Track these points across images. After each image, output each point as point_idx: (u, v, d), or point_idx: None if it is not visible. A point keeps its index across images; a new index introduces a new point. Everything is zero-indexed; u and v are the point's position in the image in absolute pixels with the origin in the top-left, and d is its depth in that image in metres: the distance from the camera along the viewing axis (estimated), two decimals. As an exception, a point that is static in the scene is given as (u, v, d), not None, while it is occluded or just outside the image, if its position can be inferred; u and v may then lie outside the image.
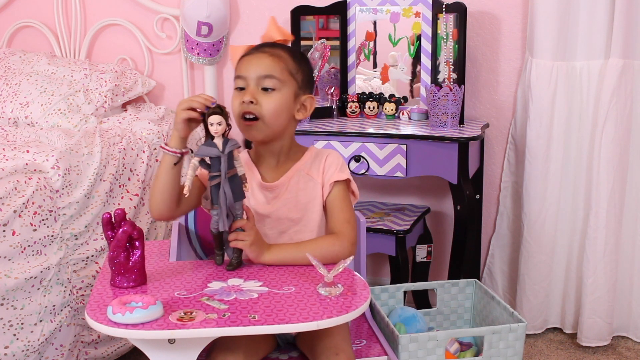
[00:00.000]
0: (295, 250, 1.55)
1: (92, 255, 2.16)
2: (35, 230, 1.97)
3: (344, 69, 2.71)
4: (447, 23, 2.50)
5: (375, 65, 2.75)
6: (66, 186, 2.11)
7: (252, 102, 1.56)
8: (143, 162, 2.46)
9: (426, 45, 2.58)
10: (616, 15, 2.33)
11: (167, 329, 1.26)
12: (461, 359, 1.87)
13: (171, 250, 1.67)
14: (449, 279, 2.50)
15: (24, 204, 1.94)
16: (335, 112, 2.69)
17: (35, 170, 2.08)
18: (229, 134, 1.49)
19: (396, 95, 2.67)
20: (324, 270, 1.41)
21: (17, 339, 1.88)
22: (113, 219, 1.51)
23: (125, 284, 1.44)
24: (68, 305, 2.05)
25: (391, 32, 2.67)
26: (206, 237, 1.81)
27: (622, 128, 2.38)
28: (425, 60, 2.59)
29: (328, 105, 2.68)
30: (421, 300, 2.54)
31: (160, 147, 1.53)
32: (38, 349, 1.93)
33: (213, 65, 2.91)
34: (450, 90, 2.40)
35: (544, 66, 2.45)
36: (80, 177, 2.18)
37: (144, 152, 2.49)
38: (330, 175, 1.63)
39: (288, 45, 1.68)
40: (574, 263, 2.55)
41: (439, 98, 2.40)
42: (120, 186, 2.34)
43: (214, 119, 1.44)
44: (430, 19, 2.55)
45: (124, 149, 2.41)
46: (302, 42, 2.64)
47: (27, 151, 2.14)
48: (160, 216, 1.58)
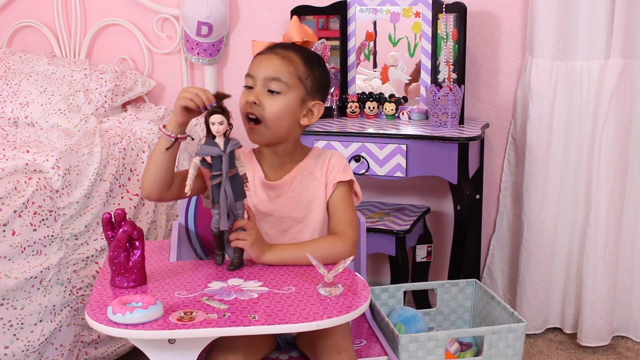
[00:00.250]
0: (296, 250, 1.55)
1: (92, 255, 2.16)
2: (35, 230, 1.97)
3: (344, 69, 2.71)
4: (447, 23, 2.50)
5: (375, 65, 2.75)
6: (66, 186, 2.11)
7: (255, 103, 1.56)
8: (143, 162, 2.46)
9: (426, 45, 2.58)
10: (616, 15, 2.33)
11: (167, 329, 1.26)
12: (461, 359, 1.87)
13: (171, 250, 1.67)
14: (449, 279, 2.50)
15: (24, 204, 1.94)
16: (335, 112, 2.69)
17: (35, 170, 2.07)
18: (230, 133, 1.49)
19: (396, 95, 2.67)
20: (324, 270, 1.41)
21: (17, 339, 1.88)
22: (113, 219, 1.51)
23: (125, 284, 1.44)
24: (68, 305, 2.05)
25: (391, 32, 2.67)
26: (206, 237, 1.81)
27: (622, 128, 2.38)
28: (425, 60, 2.59)
29: (328, 105, 2.68)
30: (421, 300, 2.54)
31: (159, 128, 1.52)
32: (38, 349, 1.93)
33: (213, 65, 2.91)
34: (450, 90, 2.40)
35: (544, 66, 2.45)
36: (80, 177, 2.18)
37: (144, 152, 2.49)
38: (334, 175, 1.63)
39: (305, 48, 1.64)
40: (574, 263, 2.55)
41: (439, 98, 2.40)
42: (120, 186, 2.34)
43: (215, 118, 1.44)
44: (430, 19, 2.55)
45: (124, 149, 2.41)
46: (302, 42, 2.64)
47: (27, 151, 2.14)
48: (149, 196, 1.56)
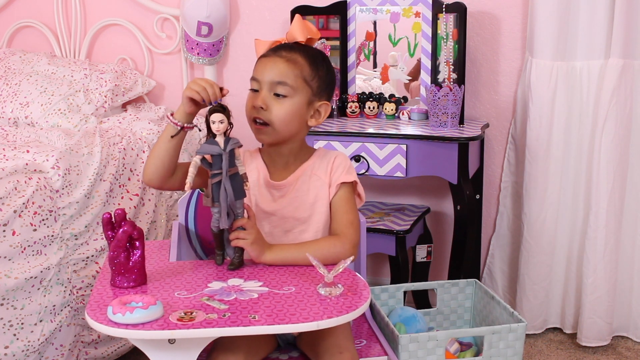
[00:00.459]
0: (297, 251, 1.55)
1: (92, 255, 2.16)
2: (35, 230, 1.97)
3: (344, 69, 2.70)
4: (447, 23, 2.50)
5: (375, 65, 2.75)
6: (66, 186, 2.11)
7: (262, 107, 1.56)
8: (143, 162, 2.46)
9: (426, 45, 2.58)
10: (616, 15, 2.33)
11: (167, 329, 1.26)
12: (461, 359, 1.87)
13: (171, 250, 1.67)
14: (449, 279, 2.50)
15: (24, 204, 1.94)
16: (335, 112, 2.69)
17: (35, 170, 2.07)
18: (231, 132, 1.49)
19: (396, 95, 2.67)
20: (324, 271, 1.41)
21: (17, 339, 1.88)
22: (113, 219, 1.51)
23: (125, 284, 1.44)
24: (68, 305, 2.05)
25: (391, 32, 2.67)
26: (206, 237, 1.81)
27: (622, 128, 2.38)
28: (425, 60, 2.59)
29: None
30: (421, 300, 2.54)
31: (166, 116, 1.53)
32: (38, 349, 1.93)
33: (213, 65, 2.90)
34: (450, 90, 2.39)
35: (544, 66, 2.45)
36: (80, 177, 2.18)
37: (144, 152, 2.49)
38: (338, 176, 1.63)
39: (309, 48, 1.64)
40: (574, 263, 2.55)
41: (439, 98, 2.40)
42: (120, 186, 2.34)
43: (215, 117, 1.45)
44: (430, 19, 2.55)
45: (124, 149, 2.41)
46: (302, 42, 2.64)
47: (27, 151, 2.14)
48: (150, 182, 1.56)
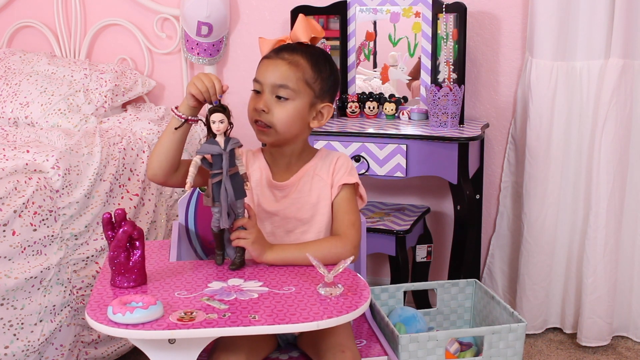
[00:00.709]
0: (298, 251, 1.55)
1: (92, 255, 2.16)
2: (35, 230, 1.97)
3: (344, 69, 2.70)
4: (447, 23, 2.50)
5: (375, 65, 2.75)
6: (66, 186, 2.11)
7: (264, 110, 1.56)
8: (143, 162, 2.46)
9: (426, 45, 2.58)
10: (616, 15, 2.33)
11: (167, 329, 1.26)
12: (461, 359, 1.87)
13: (171, 250, 1.67)
14: (449, 279, 2.50)
15: (24, 204, 1.94)
16: (335, 112, 2.69)
17: (35, 170, 2.07)
18: (231, 132, 1.49)
19: (396, 95, 2.67)
20: (324, 271, 1.41)
21: (17, 339, 1.88)
22: (113, 219, 1.51)
23: (125, 284, 1.44)
24: (68, 305, 2.05)
25: (391, 32, 2.67)
26: (206, 237, 1.81)
27: (622, 128, 2.38)
28: (425, 60, 2.59)
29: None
30: (421, 300, 2.54)
31: (171, 109, 1.54)
32: (38, 349, 1.93)
33: (213, 65, 2.90)
34: (450, 90, 2.40)
35: (544, 66, 2.45)
36: (80, 177, 2.18)
37: (144, 152, 2.49)
38: (340, 177, 1.63)
39: (313, 49, 1.62)
40: (574, 263, 2.55)
41: (439, 98, 2.40)
42: (120, 186, 2.34)
43: (215, 116, 1.45)
44: (430, 19, 2.55)
45: (124, 149, 2.41)
46: (302, 42, 2.64)
47: (27, 151, 2.14)
48: (154, 177, 1.56)
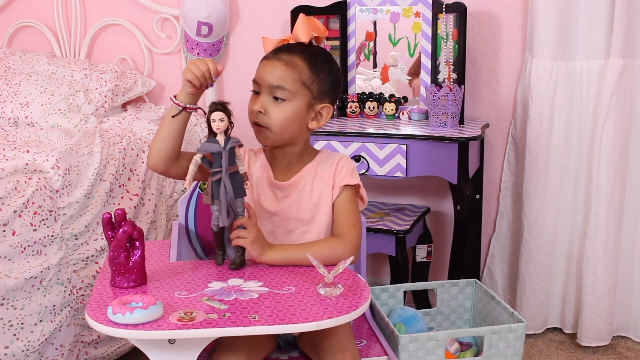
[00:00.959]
0: (298, 251, 1.55)
1: (92, 255, 2.16)
2: (35, 230, 1.97)
3: (344, 69, 2.70)
4: (447, 23, 2.50)
5: (375, 65, 2.75)
6: (66, 186, 2.11)
7: (261, 112, 1.56)
8: (143, 162, 2.46)
9: (426, 45, 2.58)
10: (616, 15, 2.33)
11: (167, 329, 1.26)
12: (461, 359, 1.87)
13: (171, 250, 1.67)
14: (449, 279, 2.50)
15: (24, 204, 1.94)
16: (335, 112, 2.69)
17: (35, 170, 2.07)
18: (232, 131, 1.49)
19: (396, 95, 2.67)
20: (324, 271, 1.41)
21: (17, 339, 1.88)
22: (113, 219, 1.51)
23: (125, 284, 1.44)
24: (68, 305, 2.05)
25: (391, 32, 2.67)
26: (206, 237, 1.82)
27: (622, 128, 2.38)
28: (425, 60, 2.59)
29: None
30: (421, 300, 2.54)
31: (169, 98, 1.54)
32: (38, 349, 1.93)
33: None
34: (450, 90, 2.39)
35: (544, 66, 2.45)
36: (80, 177, 2.18)
37: (144, 152, 2.49)
38: (341, 178, 1.63)
39: (312, 49, 1.61)
40: (574, 263, 2.55)
41: (439, 98, 2.40)
42: (120, 186, 2.34)
43: (215, 115, 1.45)
44: (430, 19, 2.55)
45: (124, 149, 2.41)
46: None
47: (27, 151, 2.14)
48: (155, 166, 1.56)
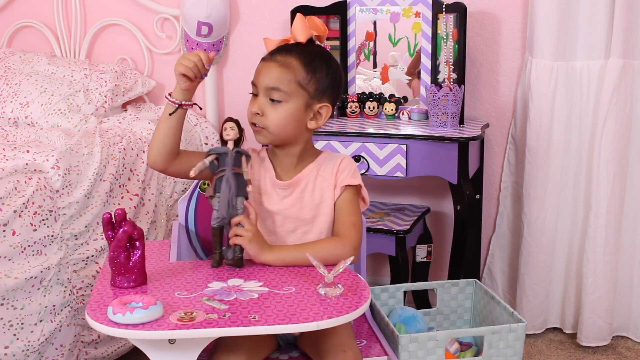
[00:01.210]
0: (297, 251, 1.55)
1: (92, 255, 2.16)
2: (35, 230, 1.97)
3: (344, 69, 2.70)
4: (447, 23, 2.50)
5: (375, 65, 2.75)
6: (66, 186, 2.11)
7: (258, 113, 1.58)
8: (143, 162, 2.46)
9: (426, 45, 2.58)
10: (616, 15, 2.33)
11: (167, 329, 1.26)
12: (461, 359, 1.87)
13: (171, 250, 1.67)
14: (449, 279, 2.50)
15: (24, 204, 1.94)
16: (335, 112, 2.69)
17: (35, 170, 2.07)
18: (243, 145, 1.59)
19: (396, 95, 2.67)
20: (324, 271, 1.41)
21: (17, 338, 1.88)
22: (113, 219, 1.51)
23: (125, 284, 1.44)
24: (68, 305, 2.05)
25: (391, 32, 2.67)
26: (206, 237, 1.82)
27: (622, 128, 2.38)
28: (425, 60, 2.59)
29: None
30: (421, 300, 2.54)
31: (165, 96, 1.58)
32: (38, 349, 1.93)
33: (213, 65, 2.90)
34: (450, 90, 2.40)
35: (544, 66, 2.45)
36: (80, 177, 2.18)
37: (144, 152, 2.49)
38: (343, 178, 1.63)
39: (309, 49, 1.61)
40: (574, 263, 2.55)
41: (439, 98, 2.40)
42: (120, 186, 2.34)
43: (227, 124, 1.56)
44: (430, 19, 2.55)
45: (124, 149, 2.41)
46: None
47: (27, 151, 2.14)
48: (154, 164, 1.58)
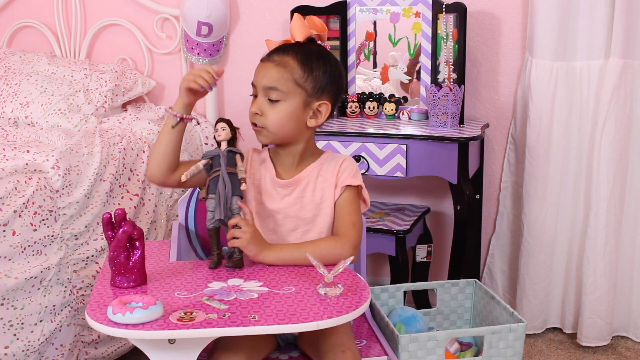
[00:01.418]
0: (296, 251, 1.55)
1: (92, 255, 2.16)
2: (35, 230, 1.97)
3: (344, 69, 2.70)
4: (447, 23, 2.50)
5: (375, 65, 2.75)
6: (66, 186, 2.11)
7: (257, 113, 1.59)
8: (143, 162, 2.46)
9: (426, 45, 2.58)
10: (616, 15, 2.33)
11: (167, 329, 1.26)
12: (461, 359, 1.87)
13: (171, 250, 1.67)
14: (449, 279, 2.50)
15: (24, 204, 1.94)
16: (335, 112, 2.69)
17: (35, 170, 2.08)
18: (237, 145, 1.60)
19: (396, 95, 2.67)
20: (324, 271, 1.41)
21: (17, 339, 1.88)
22: (113, 219, 1.51)
23: (125, 284, 1.45)
24: (68, 305, 2.05)
25: (391, 32, 2.67)
26: (206, 237, 1.82)
27: (622, 128, 2.38)
28: (425, 60, 2.59)
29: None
30: (421, 300, 2.54)
31: (165, 110, 1.60)
32: (38, 349, 1.93)
33: (213, 65, 2.90)
34: (450, 90, 2.40)
35: (544, 66, 2.45)
36: (80, 177, 2.18)
37: (144, 152, 2.49)
38: (344, 178, 1.63)
39: (306, 47, 1.61)
40: (574, 263, 2.55)
41: (439, 98, 2.40)
42: (120, 186, 2.34)
43: (218, 125, 1.58)
44: (430, 19, 2.55)
45: (124, 149, 2.41)
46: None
47: (27, 151, 2.14)
48: (153, 177, 1.61)
